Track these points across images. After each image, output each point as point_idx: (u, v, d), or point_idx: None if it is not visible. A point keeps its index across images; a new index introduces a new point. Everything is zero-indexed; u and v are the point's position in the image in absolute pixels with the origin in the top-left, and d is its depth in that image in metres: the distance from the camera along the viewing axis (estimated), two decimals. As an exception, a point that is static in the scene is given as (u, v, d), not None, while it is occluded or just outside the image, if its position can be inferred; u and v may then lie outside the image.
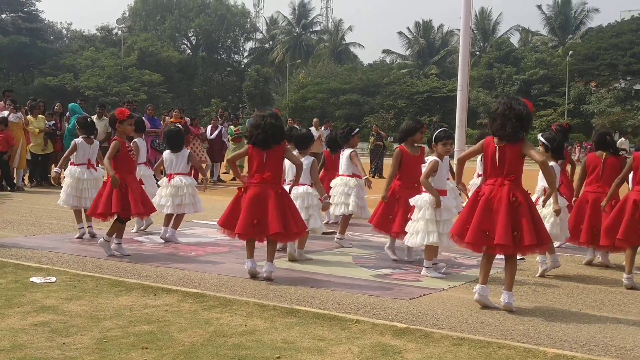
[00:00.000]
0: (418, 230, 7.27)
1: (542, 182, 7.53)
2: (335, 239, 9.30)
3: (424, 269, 7.41)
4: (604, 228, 7.37)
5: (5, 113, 15.19)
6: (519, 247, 5.85)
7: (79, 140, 9.50)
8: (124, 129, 8.08)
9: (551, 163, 7.24)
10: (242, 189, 6.98)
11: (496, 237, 5.79)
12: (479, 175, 9.21)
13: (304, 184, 7.98)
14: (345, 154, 9.65)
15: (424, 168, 7.31)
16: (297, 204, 7.55)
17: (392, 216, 7.92)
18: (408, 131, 8.04)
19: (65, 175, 9.50)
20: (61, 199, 9.42)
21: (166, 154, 9.40)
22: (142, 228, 9.89)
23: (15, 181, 15.38)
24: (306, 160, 8.04)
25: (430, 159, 7.36)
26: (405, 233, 7.50)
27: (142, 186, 8.34)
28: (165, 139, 9.95)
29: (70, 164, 9.49)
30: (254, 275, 6.94)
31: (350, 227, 10.58)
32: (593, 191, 8.07)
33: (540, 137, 7.92)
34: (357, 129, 9.69)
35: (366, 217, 9.19)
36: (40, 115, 16.23)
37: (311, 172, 8.03)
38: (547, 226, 7.23)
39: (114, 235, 8.03)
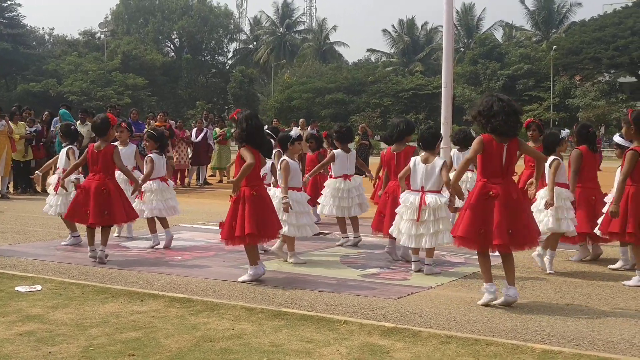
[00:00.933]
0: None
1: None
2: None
3: (426, 267, 7.43)
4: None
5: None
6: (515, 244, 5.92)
7: (64, 148, 9.49)
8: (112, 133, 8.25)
9: None
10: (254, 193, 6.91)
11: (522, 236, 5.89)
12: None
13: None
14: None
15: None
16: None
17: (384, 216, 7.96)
18: (405, 132, 8.12)
19: (50, 183, 9.45)
20: (49, 208, 9.34)
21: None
22: (121, 234, 9.85)
23: (-1, 189, 15.28)
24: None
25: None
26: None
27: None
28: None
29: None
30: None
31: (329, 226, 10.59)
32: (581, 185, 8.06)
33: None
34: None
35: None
36: (21, 122, 16.15)
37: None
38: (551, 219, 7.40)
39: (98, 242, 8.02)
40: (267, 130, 8.31)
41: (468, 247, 6.08)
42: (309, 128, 21.60)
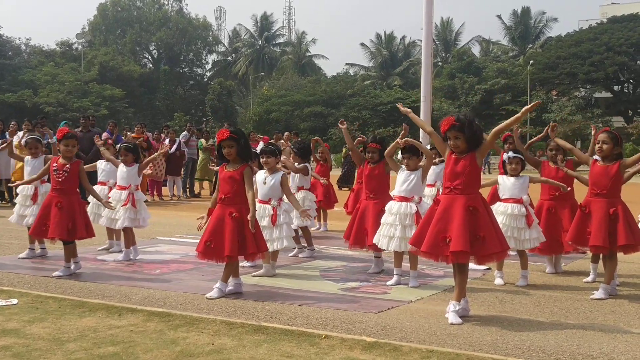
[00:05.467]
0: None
1: None
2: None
3: (411, 279, 7.46)
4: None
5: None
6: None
7: (27, 158, 9.47)
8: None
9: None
10: None
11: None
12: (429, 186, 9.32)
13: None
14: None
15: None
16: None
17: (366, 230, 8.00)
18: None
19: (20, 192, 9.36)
20: (20, 218, 9.27)
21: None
22: (103, 248, 9.78)
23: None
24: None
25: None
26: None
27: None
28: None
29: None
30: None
31: (319, 240, 10.60)
32: (548, 199, 8.21)
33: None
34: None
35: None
36: None
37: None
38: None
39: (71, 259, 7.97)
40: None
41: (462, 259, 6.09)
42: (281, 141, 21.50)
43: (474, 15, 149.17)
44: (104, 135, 16.75)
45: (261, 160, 8.18)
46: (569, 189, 7.93)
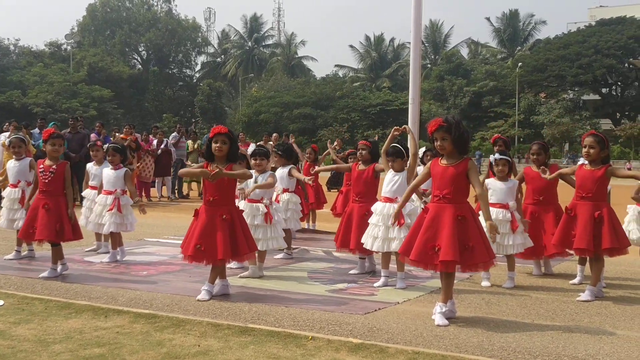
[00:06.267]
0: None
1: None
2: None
3: (398, 281, 7.48)
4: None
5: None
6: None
7: (10, 162, 9.40)
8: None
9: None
10: None
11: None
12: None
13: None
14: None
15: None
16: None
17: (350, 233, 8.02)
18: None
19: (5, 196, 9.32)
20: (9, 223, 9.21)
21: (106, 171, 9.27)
22: (90, 249, 9.75)
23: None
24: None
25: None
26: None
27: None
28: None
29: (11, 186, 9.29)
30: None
31: (306, 241, 10.62)
32: (532, 203, 8.21)
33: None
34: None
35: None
36: None
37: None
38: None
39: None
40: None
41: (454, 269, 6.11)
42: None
43: (463, 17, 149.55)
44: (92, 136, 16.71)
45: (253, 162, 8.20)
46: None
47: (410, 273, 8.21)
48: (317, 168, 9.08)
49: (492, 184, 7.90)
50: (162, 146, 18.83)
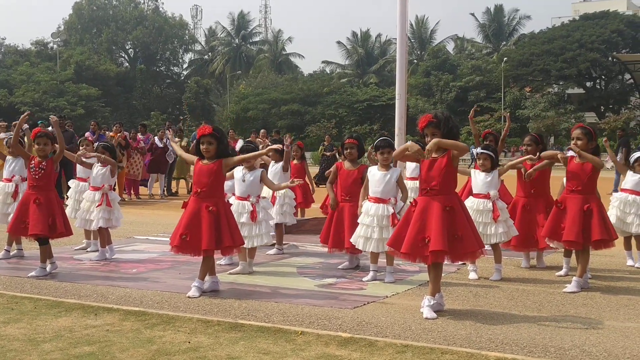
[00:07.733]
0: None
1: None
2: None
3: (387, 275, 7.53)
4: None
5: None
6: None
7: (8, 157, 9.51)
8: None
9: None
10: None
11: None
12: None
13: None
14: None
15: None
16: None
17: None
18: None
19: None
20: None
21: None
22: (80, 247, 9.75)
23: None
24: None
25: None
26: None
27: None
28: None
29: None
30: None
31: (295, 236, 10.65)
32: (523, 196, 8.32)
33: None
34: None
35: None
36: None
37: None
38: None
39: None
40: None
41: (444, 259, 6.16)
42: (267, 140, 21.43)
43: (448, 13, 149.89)
44: (87, 134, 16.67)
45: None
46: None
47: (398, 267, 8.27)
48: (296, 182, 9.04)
49: (475, 175, 8.09)
50: (149, 145, 18.84)
